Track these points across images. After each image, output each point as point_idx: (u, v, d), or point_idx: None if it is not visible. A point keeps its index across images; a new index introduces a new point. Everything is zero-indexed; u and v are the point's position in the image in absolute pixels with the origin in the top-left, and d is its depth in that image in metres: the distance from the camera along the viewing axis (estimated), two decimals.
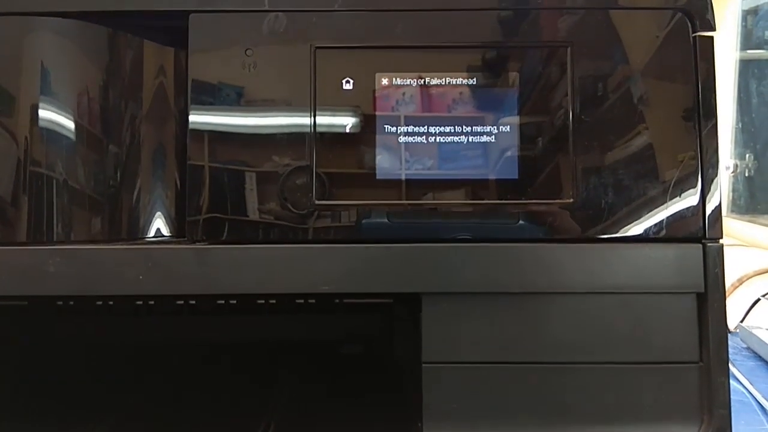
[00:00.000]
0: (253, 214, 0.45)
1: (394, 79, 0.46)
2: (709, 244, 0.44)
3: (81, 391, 0.58)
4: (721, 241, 0.45)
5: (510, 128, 0.45)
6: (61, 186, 0.45)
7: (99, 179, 0.46)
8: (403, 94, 0.46)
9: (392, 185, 0.45)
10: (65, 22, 0.46)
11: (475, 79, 0.46)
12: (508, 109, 0.46)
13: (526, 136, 0.45)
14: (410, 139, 0.46)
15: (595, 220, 0.45)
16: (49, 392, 0.58)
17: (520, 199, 0.45)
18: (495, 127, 0.46)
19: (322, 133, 0.45)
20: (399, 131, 0.46)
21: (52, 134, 0.45)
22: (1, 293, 0.45)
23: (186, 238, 0.45)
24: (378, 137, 0.45)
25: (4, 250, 0.44)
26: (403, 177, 0.46)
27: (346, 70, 0.46)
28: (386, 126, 0.46)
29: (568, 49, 0.45)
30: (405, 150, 0.45)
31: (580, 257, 0.45)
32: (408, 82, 0.46)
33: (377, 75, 0.46)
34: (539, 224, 0.45)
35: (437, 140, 0.46)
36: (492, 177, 0.45)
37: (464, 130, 0.46)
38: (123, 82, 0.47)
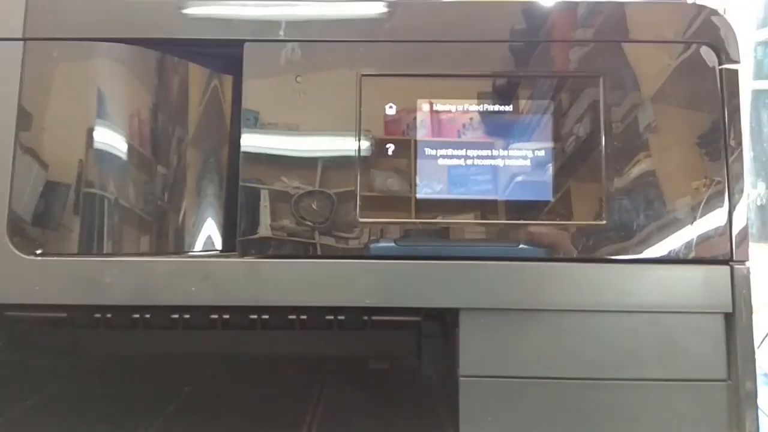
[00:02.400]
0: (301, 234, 0.47)
1: (434, 104, 0.49)
2: (736, 266, 0.46)
3: (115, 403, 0.60)
4: (747, 263, 0.47)
5: (545, 153, 0.48)
6: (113, 205, 0.48)
7: (148, 198, 0.49)
8: (449, 120, 0.48)
9: (433, 205, 0.48)
10: (124, 47, 0.49)
11: (511, 107, 0.48)
12: (543, 135, 0.48)
13: (559, 160, 0.48)
14: (448, 162, 0.48)
15: (625, 242, 0.47)
16: (80, 405, 0.59)
17: (555, 221, 0.47)
18: (530, 151, 0.48)
19: (365, 156, 0.48)
20: (439, 154, 0.48)
21: (107, 155, 0.48)
22: (58, 302, 0.47)
23: (236, 253, 0.48)
24: (419, 162, 0.48)
25: (63, 261, 0.47)
26: (441, 198, 0.48)
27: (389, 95, 0.48)
28: (426, 149, 0.48)
29: (600, 79, 0.48)
30: (447, 173, 0.48)
31: (611, 277, 0.47)
32: (448, 108, 0.49)
33: (418, 101, 0.49)
34: (573, 245, 0.47)
35: (474, 163, 0.48)
36: (527, 198, 0.48)
37: (499, 154, 0.48)
38: (181, 106, 0.50)
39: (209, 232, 0.51)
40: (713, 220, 0.47)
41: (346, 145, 0.48)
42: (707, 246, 0.47)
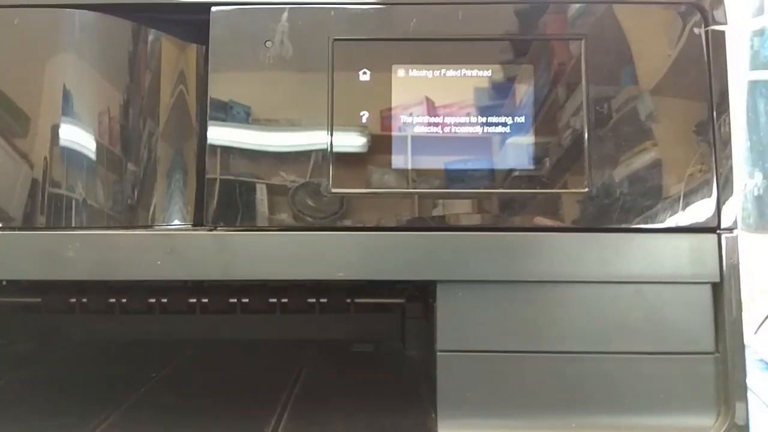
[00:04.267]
0: (273, 204, 0.46)
1: (410, 70, 0.47)
2: (724, 234, 0.45)
3: (84, 386, 0.58)
4: (735, 231, 0.45)
5: (525, 119, 0.46)
6: (81, 205, 0.46)
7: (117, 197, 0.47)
8: (419, 82, 0.47)
9: (409, 174, 0.46)
10: (89, 15, 0.47)
11: (490, 70, 0.46)
12: (525, 101, 0.46)
13: (541, 127, 0.46)
14: (425, 129, 0.46)
15: (609, 210, 0.45)
16: (58, 388, 0.58)
17: (537, 189, 0.45)
18: (509, 117, 0.46)
19: (338, 125, 0.46)
20: (414, 121, 0.46)
21: (73, 154, 0.46)
22: (19, 277, 0.46)
23: (204, 226, 0.46)
24: (394, 127, 0.46)
25: (24, 235, 0.45)
26: (410, 166, 0.46)
27: (362, 61, 0.47)
28: (402, 116, 0.46)
29: (582, 42, 0.46)
30: (424, 141, 0.46)
31: (595, 246, 0.45)
32: (424, 74, 0.47)
33: (394, 66, 0.47)
34: (555, 214, 0.45)
35: (453, 131, 0.46)
36: (507, 167, 0.46)
37: (479, 120, 0.46)
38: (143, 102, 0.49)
39: (178, 205, 0.49)
40: (700, 186, 0.45)
41: (318, 113, 0.46)
42: (694, 214, 0.45)
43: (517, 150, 0.46)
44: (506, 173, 0.46)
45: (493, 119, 0.46)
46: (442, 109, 0.47)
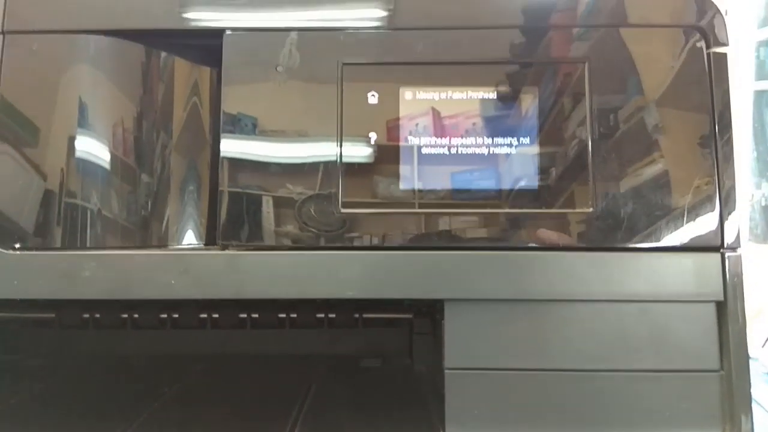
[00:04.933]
0: (279, 238, 0.47)
1: (417, 92, 0.48)
2: (727, 254, 0.45)
3: (98, 401, 0.59)
4: (739, 250, 0.45)
5: (530, 140, 0.47)
6: (96, 215, 0.47)
7: (132, 208, 0.48)
8: (426, 104, 0.48)
9: (417, 195, 0.47)
10: (102, 40, 0.49)
11: (495, 92, 0.47)
12: (529, 123, 0.47)
13: (545, 148, 0.47)
14: (432, 149, 0.47)
15: (613, 230, 0.46)
16: (72, 404, 0.59)
17: (542, 209, 0.46)
18: (515, 138, 0.47)
19: (347, 146, 0.47)
20: (422, 142, 0.47)
21: (88, 165, 0.47)
22: (36, 296, 0.47)
23: (217, 246, 0.47)
24: (402, 146, 0.47)
25: (42, 255, 0.46)
26: (426, 187, 0.47)
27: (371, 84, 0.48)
28: (409, 137, 0.47)
29: (585, 65, 0.47)
30: (427, 158, 0.47)
31: (600, 266, 0.46)
32: (431, 96, 0.48)
33: (401, 89, 0.48)
34: (560, 233, 0.46)
35: (459, 151, 0.47)
36: (511, 187, 0.47)
37: (485, 141, 0.47)
38: (156, 114, 0.50)
39: (191, 226, 0.51)
40: (704, 205, 0.46)
41: (328, 133, 0.47)
42: (698, 233, 0.46)
43: (522, 170, 0.47)
44: (513, 193, 0.47)
45: (499, 140, 0.47)
46: (448, 129, 0.48)
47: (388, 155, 0.47)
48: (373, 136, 0.47)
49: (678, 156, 0.46)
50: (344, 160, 0.47)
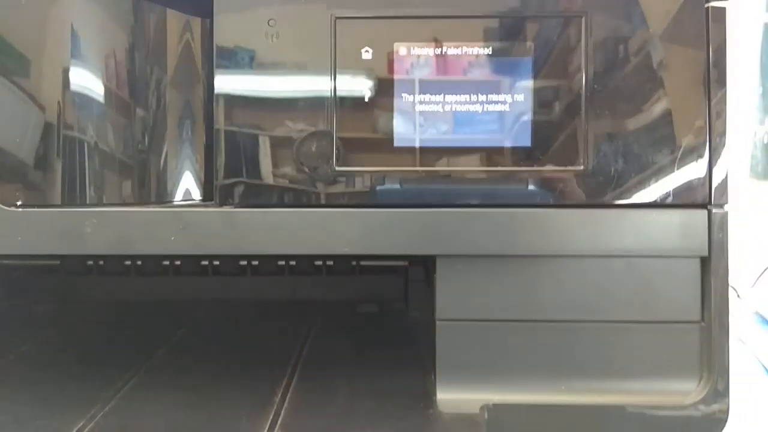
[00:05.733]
0: (277, 178, 0.47)
1: (411, 48, 0.47)
2: (714, 210, 0.46)
3: (106, 347, 0.62)
4: (726, 207, 0.46)
5: (524, 96, 0.47)
6: (93, 149, 0.48)
7: (128, 142, 0.49)
8: (419, 59, 0.47)
9: (408, 151, 0.47)
10: None
11: (490, 48, 0.47)
12: (522, 77, 0.47)
13: (539, 104, 0.47)
14: (426, 107, 0.47)
15: (604, 187, 0.47)
16: (81, 350, 0.61)
17: (533, 166, 0.47)
18: (509, 95, 0.47)
19: (342, 99, 0.47)
20: (415, 99, 0.47)
21: (83, 98, 0.47)
22: (40, 252, 0.48)
23: (214, 202, 0.48)
24: (395, 103, 0.47)
25: (43, 212, 0.47)
26: (418, 144, 0.47)
27: (365, 39, 0.47)
28: (403, 93, 0.47)
29: (582, 19, 0.46)
30: (420, 117, 0.47)
31: (589, 222, 0.47)
32: (425, 51, 0.47)
33: (395, 44, 0.47)
34: (550, 190, 0.47)
35: (452, 108, 0.47)
36: (505, 144, 0.47)
37: (478, 98, 0.47)
38: (149, 47, 0.49)
39: (188, 181, 0.51)
40: (693, 163, 0.46)
41: (321, 87, 0.47)
42: (686, 190, 0.46)
43: (515, 127, 0.47)
44: (505, 151, 0.47)
45: (492, 96, 0.47)
46: (441, 84, 0.47)
47: (382, 111, 0.47)
48: (367, 93, 0.47)
49: (669, 115, 0.46)
50: (338, 117, 0.47)
